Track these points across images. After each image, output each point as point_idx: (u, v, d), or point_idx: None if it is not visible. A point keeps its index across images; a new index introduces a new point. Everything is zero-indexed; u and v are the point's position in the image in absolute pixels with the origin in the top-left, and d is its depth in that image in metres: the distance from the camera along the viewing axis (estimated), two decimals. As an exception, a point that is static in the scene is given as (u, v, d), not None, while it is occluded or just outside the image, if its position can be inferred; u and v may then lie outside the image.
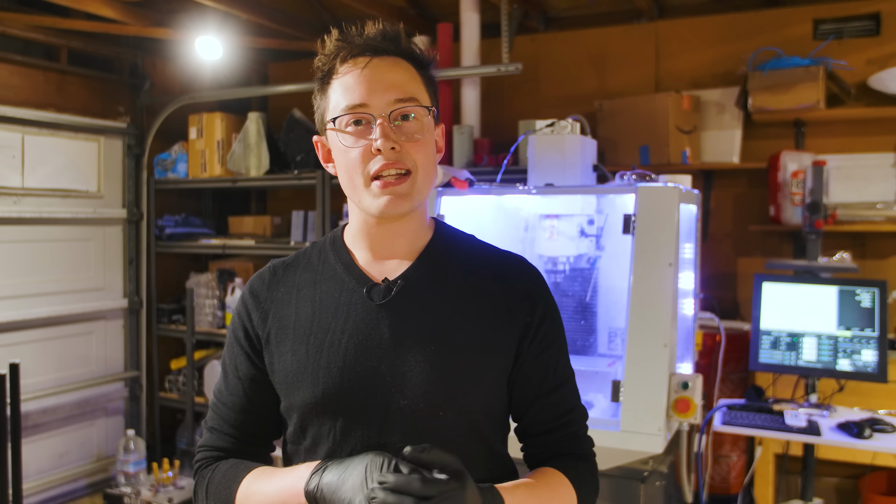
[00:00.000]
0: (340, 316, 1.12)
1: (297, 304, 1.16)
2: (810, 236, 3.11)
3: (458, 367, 1.09)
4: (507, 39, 3.65)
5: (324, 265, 1.19)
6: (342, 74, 1.11)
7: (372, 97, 1.08)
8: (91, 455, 3.99)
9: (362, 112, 1.08)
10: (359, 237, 1.18)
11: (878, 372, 2.65)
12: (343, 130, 1.10)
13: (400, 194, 1.08)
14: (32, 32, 3.63)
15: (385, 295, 1.12)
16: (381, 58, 1.11)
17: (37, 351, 3.70)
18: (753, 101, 3.42)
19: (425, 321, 1.11)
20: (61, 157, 3.78)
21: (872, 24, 3.50)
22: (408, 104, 1.09)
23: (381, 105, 1.08)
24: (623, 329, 2.41)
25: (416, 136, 1.10)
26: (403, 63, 1.12)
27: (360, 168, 1.09)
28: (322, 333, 1.12)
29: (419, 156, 1.10)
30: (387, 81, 1.09)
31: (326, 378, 1.10)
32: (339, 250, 1.19)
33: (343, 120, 1.10)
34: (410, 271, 1.14)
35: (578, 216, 2.73)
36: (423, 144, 1.10)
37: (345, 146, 1.10)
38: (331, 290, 1.15)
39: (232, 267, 4.20)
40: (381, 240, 1.16)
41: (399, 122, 1.09)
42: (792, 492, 3.27)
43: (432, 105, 1.14)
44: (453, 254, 1.18)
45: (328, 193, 3.77)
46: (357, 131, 1.09)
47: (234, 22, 3.86)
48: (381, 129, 1.07)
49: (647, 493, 2.33)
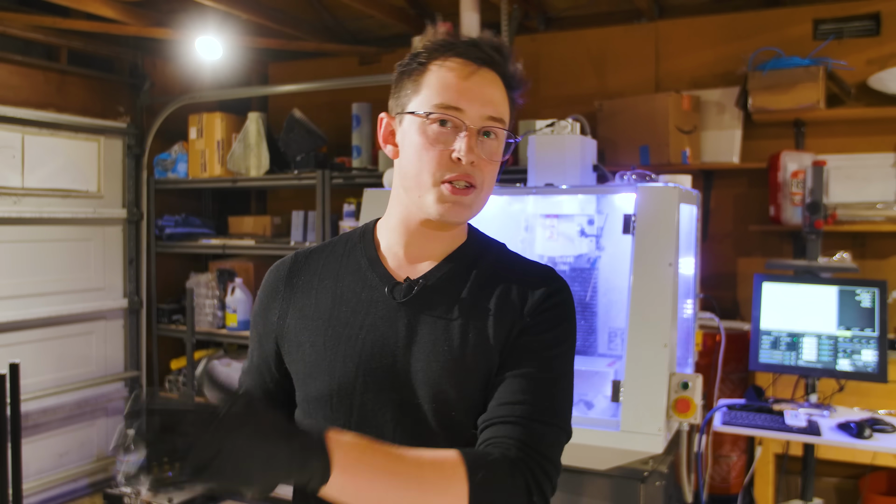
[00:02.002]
0: (360, 311, 1.12)
1: (318, 294, 1.16)
2: (810, 236, 3.11)
3: (471, 370, 1.08)
4: (507, 39, 3.65)
5: (349, 258, 1.19)
6: (445, 70, 1.10)
7: (469, 105, 1.08)
8: (91, 455, 3.99)
9: (454, 115, 1.08)
10: (395, 233, 1.17)
11: (878, 372, 2.65)
12: (429, 124, 1.09)
13: (464, 205, 1.09)
14: (32, 32, 3.63)
15: (406, 293, 1.12)
16: (487, 69, 1.11)
17: (37, 351, 3.70)
18: (753, 101, 3.42)
19: (443, 322, 1.10)
20: (61, 157, 3.78)
21: (872, 24, 3.50)
22: (497, 124, 1.10)
23: (474, 116, 1.08)
24: (623, 329, 2.41)
25: (494, 157, 1.11)
26: (501, 82, 1.12)
27: (434, 168, 1.08)
28: (340, 327, 1.12)
29: (488, 175, 1.11)
30: (486, 95, 1.09)
31: (343, 372, 1.10)
32: (367, 245, 1.19)
33: (434, 116, 1.08)
34: (434, 271, 1.14)
35: (578, 216, 2.73)
36: (495, 165, 1.12)
37: (424, 141, 1.09)
38: (353, 284, 1.15)
39: (232, 267, 4.20)
40: (418, 240, 1.15)
41: (483, 139, 1.10)
42: (792, 492, 3.27)
43: (512, 130, 1.15)
44: (481, 259, 1.17)
45: (328, 193, 3.77)
46: (442, 131, 1.08)
47: (234, 22, 3.86)
48: (468, 141, 1.07)
49: (647, 493, 2.33)
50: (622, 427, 2.22)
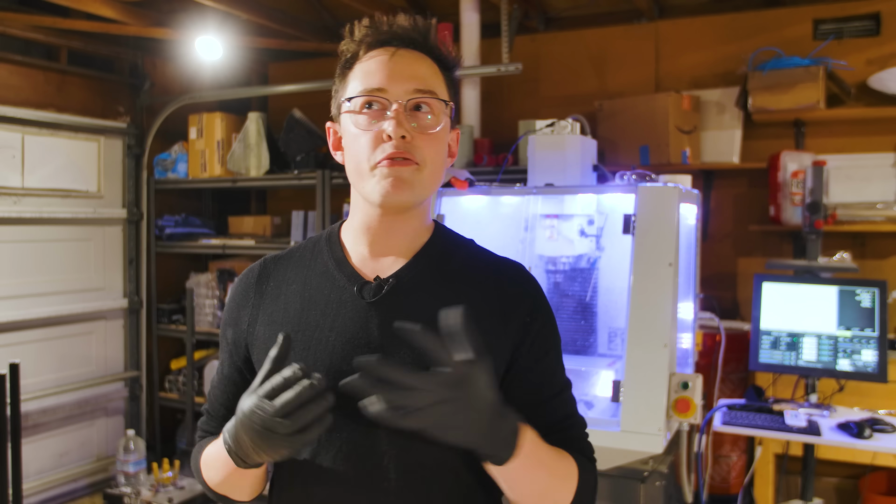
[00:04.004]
0: (329, 313, 1.10)
1: (286, 299, 1.14)
2: (810, 236, 3.11)
3: None
4: (507, 39, 3.65)
5: (315, 260, 1.17)
6: (365, 60, 1.09)
7: (392, 84, 1.06)
8: (91, 455, 3.99)
9: (379, 96, 1.06)
10: (358, 232, 1.15)
11: (878, 372, 2.65)
12: (356, 112, 1.08)
13: (404, 178, 1.05)
14: (32, 32, 3.63)
15: (376, 293, 1.10)
16: (408, 49, 1.09)
17: (37, 351, 3.70)
18: (753, 101, 3.42)
19: (415, 321, 1.09)
20: (61, 157, 3.78)
21: (872, 24, 3.50)
22: (426, 95, 1.07)
23: (399, 92, 1.05)
24: (623, 329, 2.41)
25: (429, 130, 1.07)
26: (428, 59, 1.11)
27: (368, 153, 1.05)
28: (310, 330, 1.10)
29: (429, 150, 1.07)
30: (409, 71, 1.07)
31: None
32: (333, 246, 1.17)
33: (358, 101, 1.07)
34: (404, 270, 1.12)
35: (578, 216, 2.73)
36: (434, 139, 1.08)
37: (356, 129, 1.08)
38: (321, 286, 1.13)
39: (232, 267, 4.20)
40: (380, 235, 1.13)
41: (414, 113, 1.07)
42: (792, 492, 3.27)
43: (451, 103, 1.12)
44: (450, 256, 1.16)
45: (328, 193, 3.77)
46: (371, 114, 1.07)
47: (234, 22, 3.86)
48: (396, 116, 1.04)
49: (647, 493, 2.33)
50: (622, 427, 2.22)
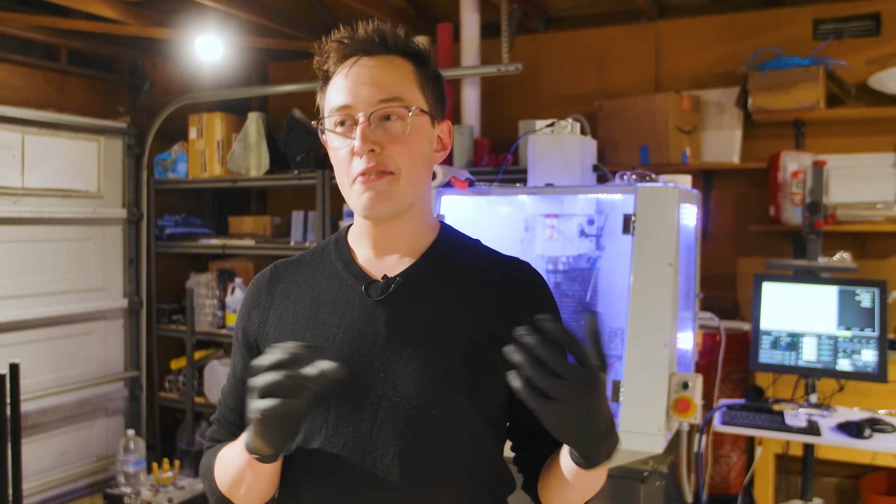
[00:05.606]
0: (337, 312, 1.12)
1: (296, 300, 1.17)
2: (810, 236, 3.11)
3: (453, 366, 1.08)
4: (507, 39, 3.65)
5: (324, 263, 1.19)
6: (335, 76, 1.11)
7: (356, 98, 1.07)
8: (91, 455, 3.99)
9: (346, 113, 1.08)
10: (360, 236, 1.18)
11: (878, 372, 2.65)
12: (333, 131, 1.10)
13: (380, 191, 1.07)
14: (32, 32, 3.63)
15: (383, 291, 1.12)
16: (371, 57, 1.09)
17: (37, 351, 3.69)
18: (753, 101, 3.42)
19: (422, 319, 1.10)
20: (61, 157, 3.78)
21: (872, 24, 3.50)
22: (391, 104, 1.07)
23: (362, 106, 1.07)
24: (623, 329, 2.41)
25: (399, 138, 1.07)
26: (396, 61, 1.10)
27: (347, 168, 1.09)
28: (318, 329, 1.12)
29: (403, 158, 1.08)
30: (371, 81, 1.07)
31: None
32: (341, 248, 1.19)
33: (330, 121, 1.10)
34: (411, 270, 1.14)
35: (578, 216, 2.73)
36: (406, 145, 1.08)
37: (334, 145, 1.11)
38: (329, 286, 1.16)
39: (232, 267, 4.20)
40: (380, 239, 1.16)
41: (383, 123, 1.08)
42: (792, 492, 3.27)
43: (425, 104, 1.12)
44: (456, 255, 1.18)
45: (328, 193, 3.77)
46: (344, 131, 1.09)
47: (234, 22, 3.86)
48: (362, 131, 1.06)
49: (647, 493, 2.33)
50: (622, 427, 2.22)
